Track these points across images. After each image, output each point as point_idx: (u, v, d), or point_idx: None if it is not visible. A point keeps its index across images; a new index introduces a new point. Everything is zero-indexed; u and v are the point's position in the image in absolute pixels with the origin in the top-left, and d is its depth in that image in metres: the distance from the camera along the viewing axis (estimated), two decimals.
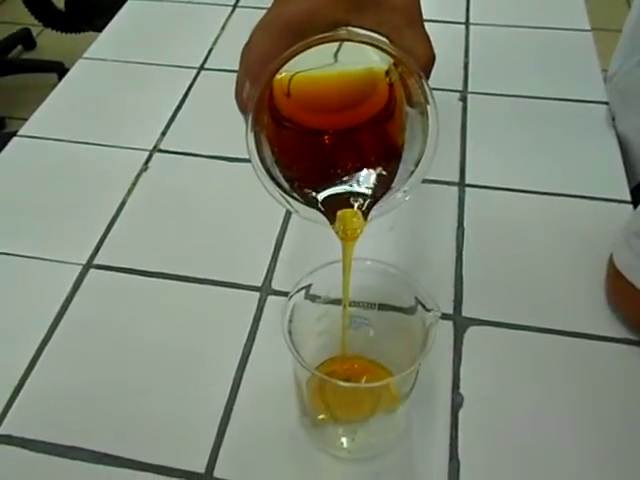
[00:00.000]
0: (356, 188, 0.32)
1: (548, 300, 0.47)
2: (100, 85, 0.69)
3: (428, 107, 0.30)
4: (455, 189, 0.55)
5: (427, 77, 0.31)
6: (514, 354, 0.44)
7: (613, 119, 0.60)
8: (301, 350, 0.34)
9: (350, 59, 0.31)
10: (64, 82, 0.69)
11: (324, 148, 0.33)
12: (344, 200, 0.32)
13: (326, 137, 0.33)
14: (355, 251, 0.34)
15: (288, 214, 0.53)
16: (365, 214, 0.32)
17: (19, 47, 2.06)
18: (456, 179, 0.56)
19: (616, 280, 0.44)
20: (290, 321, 0.34)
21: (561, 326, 0.45)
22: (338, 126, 0.33)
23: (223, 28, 0.75)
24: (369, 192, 0.32)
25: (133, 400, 0.42)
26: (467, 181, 0.56)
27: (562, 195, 0.54)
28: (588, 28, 0.72)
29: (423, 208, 0.54)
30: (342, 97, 0.33)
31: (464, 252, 0.50)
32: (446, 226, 0.52)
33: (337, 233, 0.33)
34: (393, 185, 0.32)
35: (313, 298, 0.38)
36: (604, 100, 0.63)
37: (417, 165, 0.31)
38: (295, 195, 0.32)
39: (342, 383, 0.33)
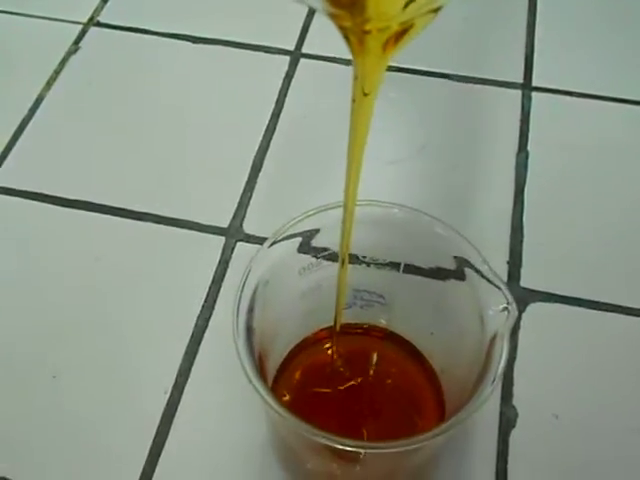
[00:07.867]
0: None
1: None
2: None
3: None
4: (517, 93, 0.40)
5: None
6: (594, 343, 0.30)
7: None
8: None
9: None
10: None
11: None
12: None
13: None
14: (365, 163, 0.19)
15: (272, 125, 0.38)
16: None
17: None
18: (519, 79, 0.41)
19: None
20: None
21: None
22: None
23: None
24: None
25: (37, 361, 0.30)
26: (535, 83, 0.41)
27: None
28: None
29: (468, 120, 0.39)
30: None
31: (526, 189, 0.36)
32: (501, 148, 0.38)
33: (346, 35, 0.16)
34: None
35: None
36: None
37: None
38: None
39: (351, 448, 0.18)
